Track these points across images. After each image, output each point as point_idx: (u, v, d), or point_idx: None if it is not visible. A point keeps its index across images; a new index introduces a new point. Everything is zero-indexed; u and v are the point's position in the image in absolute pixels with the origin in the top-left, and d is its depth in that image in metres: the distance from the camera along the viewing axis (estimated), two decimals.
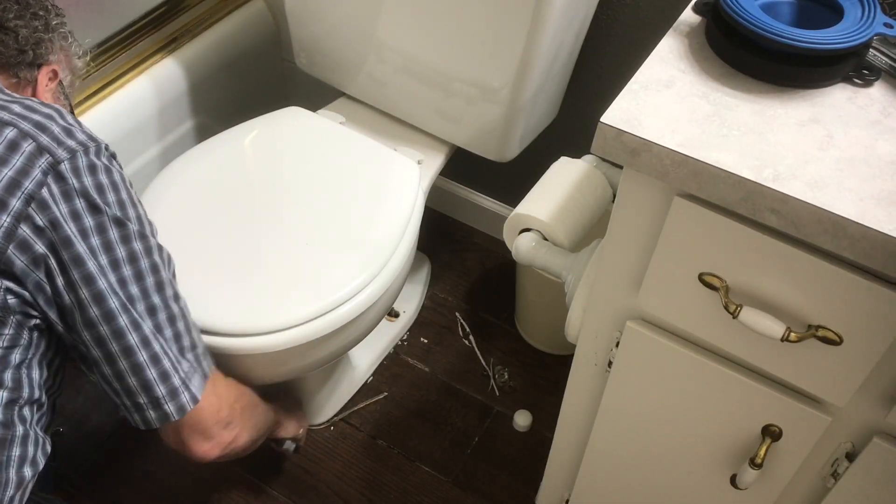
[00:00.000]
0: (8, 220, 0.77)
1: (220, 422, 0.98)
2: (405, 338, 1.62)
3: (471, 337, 1.62)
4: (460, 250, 1.78)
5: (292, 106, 1.40)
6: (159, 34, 1.44)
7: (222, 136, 1.33)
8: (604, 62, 1.37)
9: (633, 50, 1.32)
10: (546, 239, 1.14)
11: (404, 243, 1.22)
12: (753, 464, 0.84)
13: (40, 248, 0.79)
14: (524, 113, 1.26)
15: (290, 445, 1.35)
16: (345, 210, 1.22)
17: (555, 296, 1.43)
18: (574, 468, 1.11)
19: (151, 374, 0.87)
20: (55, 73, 0.99)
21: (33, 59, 0.95)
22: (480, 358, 1.59)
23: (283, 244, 1.17)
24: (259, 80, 1.66)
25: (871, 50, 0.77)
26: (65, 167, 0.80)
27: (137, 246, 0.86)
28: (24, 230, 0.77)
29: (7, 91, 0.87)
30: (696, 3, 0.84)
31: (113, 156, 0.88)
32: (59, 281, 0.81)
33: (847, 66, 0.76)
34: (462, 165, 1.57)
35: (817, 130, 0.72)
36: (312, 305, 1.10)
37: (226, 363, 1.08)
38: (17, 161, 0.78)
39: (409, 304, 1.64)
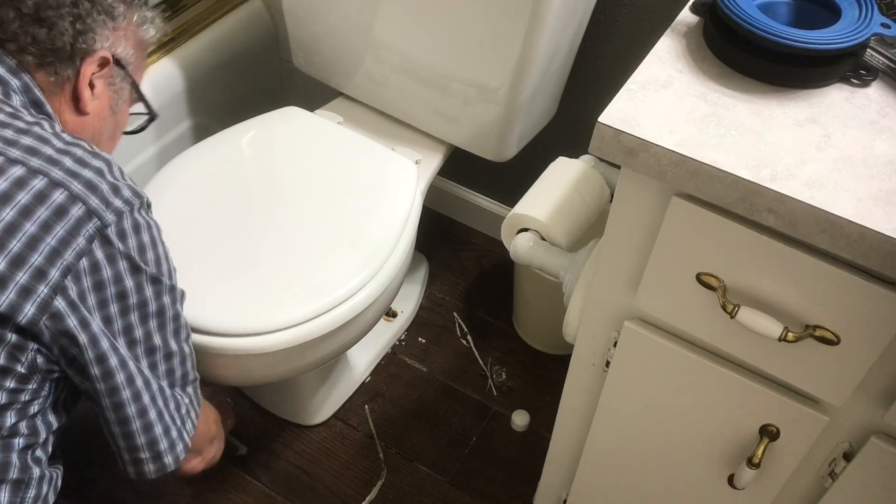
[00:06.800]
0: (46, 290, 0.73)
1: (209, 440, 1.08)
2: (403, 337, 1.61)
3: (469, 337, 1.62)
4: (458, 250, 1.78)
5: (290, 106, 1.40)
6: None
7: (220, 136, 1.33)
8: (602, 62, 1.37)
9: (630, 50, 1.32)
10: (544, 239, 1.14)
11: (402, 243, 1.22)
12: (751, 463, 0.84)
13: (72, 321, 0.76)
14: (522, 113, 1.26)
15: (242, 449, 1.42)
16: (343, 210, 1.22)
17: (552, 296, 1.43)
18: (572, 468, 1.11)
19: (158, 429, 0.89)
20: (105, 60, 0.90)
21: (72, 53, 0.86)
22: (478, 358, 1.59)
23: (280, 244, 1.17)
24: (257, 79, 1.66)
25: (868, 50, 0.77)
26: (111, 231, 0.77)
27: (166, 299, 0.86)
28: (60, 303, 0.74)
29: (59, 133, 0.81)
30: (693, 3, 0.84)
31: (149, 205, 0.85)
32: (88, 355, 0.79)
33: (844, 67, 0.76)
34: (460, 165, 1.57)
35: (815, 130, 0.72)
36: (310, 305, 1.10)
37: (223, 363, 1.08)
38: (62, 229, 0.74)
39: (407, 304, 1.64)
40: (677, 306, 0.81)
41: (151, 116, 1.02)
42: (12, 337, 0.73)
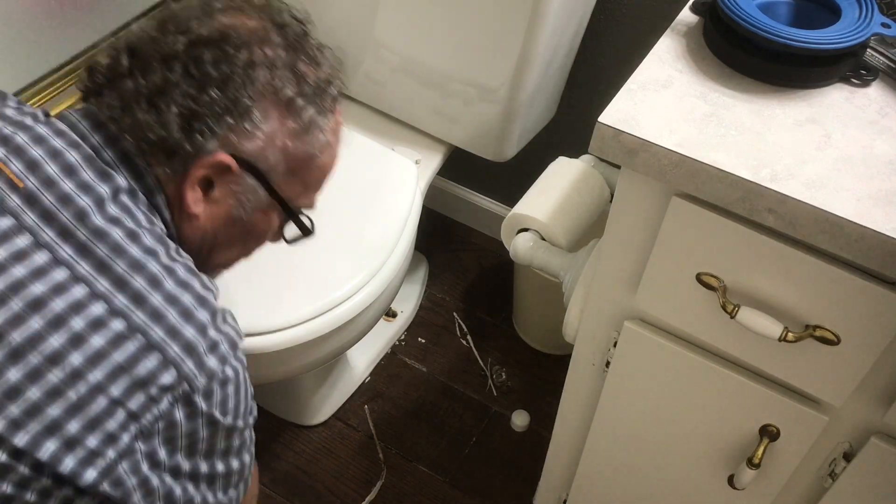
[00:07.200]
0: (113, 455, 0.66)
1: (252, 500, 0.97)
2: (403, 338, 1.61)
3: (468, 337, 1.62)
4: (458, 250, 1.77)
5: None
6: None
7: None
8: (601, 62, 1.37)
9: (630, 50, 1.32)
10: (544, 239, 1.14)
11: (402, 243, 1.21)
12: (751, 464, 0.84)
13: (132, 482, 0.68)
14: (522, 112, 1.26)
15: None
16: (343, 210, 1.22)
17: (552, 296, 1.43)
18: (572, 468, 1.11)
19: None
20: (224, 166, 0.72)
21: (174, 150, 0.70)
22: (478, 358, 1.59)
23: (280, 244, 1.17)
24: None
25: (868, 50, 0.77)
26: (198, 395, 0.68)
27: (235, 436, 0.76)
28: (124, 466, 0.67)
29: (174, 264, 0.70)
30: (693, 2, 0.84)
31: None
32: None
33: (845, 66, 0.76)
34: (460, 165, 1.57)
35: (815, 130, 0.72)
36: (310, 305, 1.10)
37: None
38: (145, 395, 0.66)
39: (407, 304, 1.64)
40: (677, 306, 0.81)
41: (305, 234, 0.86)
42: (68, 492, 0.67)
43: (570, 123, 1.46)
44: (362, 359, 1.53)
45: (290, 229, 0.87)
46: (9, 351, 0.63)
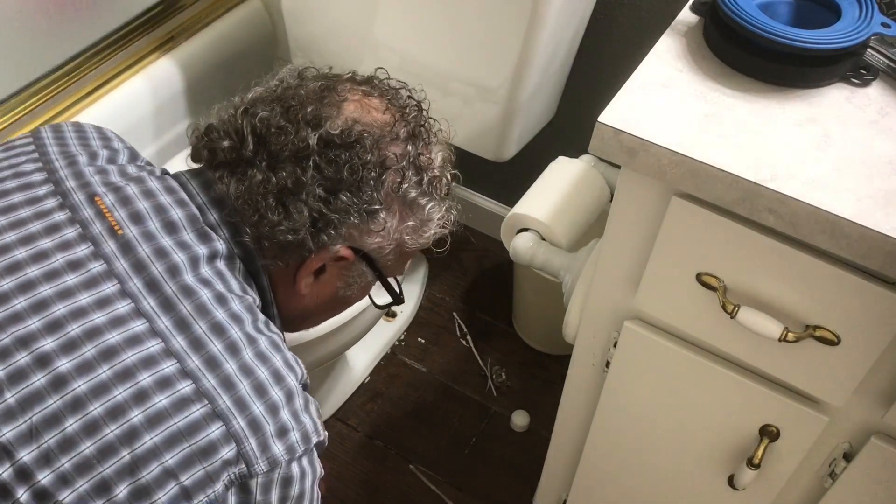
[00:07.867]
0: None
1: None
2: (402, 338, 1.61)
3: (468, 337, 1.62)
4: (458, 250, 1.77)
5: None
6: (156, 33, 1.43)
7: None
8: (602, 62, 1.37)
9: (630, 49, 1.32)
10: (544, 239, 1.14)
11: None
12: (751, 464, 0.84)
13: None
14: (522, 112, 1.26)
15: None
16: None
17: (552, 296, 1.42)
18: (572, 468, 1.11)
19: None
20: (343, 258, 0.75)
21: (298, 247, 0.72)
22: (478, 358, 1.59)
23: None
24: (256, 79, 1.65)
25: (868, 49, 0.77)
26: (255, 482, 0.64)
27: None
28: None
29: (258, 335, 0.68)
30: (693, 2, 0.84)
31: (320, 444, 0.69)
32: None
33: (845, 66, 0.76)
34: (459, 165, 1.57)
35: (815, 130, 0.72)
36: None
37: None
38: (202, 471, 0.61)
39: (407, 304, 1.64)
40: (677, 306, 0.81)
41: (398, 303, 0.88)
42: None
43: (570, 123, 1.46)
44: (362, 359, 1.53)
45: (380, 296, 0.87)
46: (72, 399, 0.61)
